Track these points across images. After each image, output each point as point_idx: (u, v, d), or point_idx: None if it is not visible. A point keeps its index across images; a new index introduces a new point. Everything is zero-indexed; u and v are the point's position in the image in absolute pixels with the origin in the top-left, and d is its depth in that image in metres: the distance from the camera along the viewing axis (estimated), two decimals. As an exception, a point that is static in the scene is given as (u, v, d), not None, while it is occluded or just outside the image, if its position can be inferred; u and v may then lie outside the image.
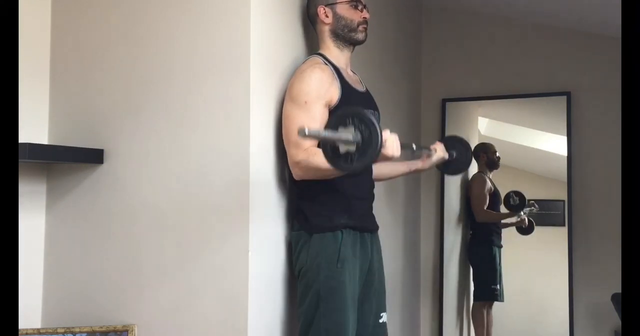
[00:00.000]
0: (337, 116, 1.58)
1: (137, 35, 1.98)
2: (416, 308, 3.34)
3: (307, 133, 1.43)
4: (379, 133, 1.50)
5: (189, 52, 1.89)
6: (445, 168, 2.34)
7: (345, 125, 1.53)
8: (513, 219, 3.34)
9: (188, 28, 1.90)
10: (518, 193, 3.34)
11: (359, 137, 1.51)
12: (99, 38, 2.04)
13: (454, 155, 2.31)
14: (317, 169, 1.73)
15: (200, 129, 1.85)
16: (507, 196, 3.34)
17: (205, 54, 1.86)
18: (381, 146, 1.51)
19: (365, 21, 1.97)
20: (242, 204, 1.77)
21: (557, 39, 3.23)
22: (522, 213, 3.31)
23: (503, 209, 3.37)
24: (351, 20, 1.94)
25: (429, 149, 2.18)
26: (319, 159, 1.67)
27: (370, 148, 1.50)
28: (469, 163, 2.37)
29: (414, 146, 1.94)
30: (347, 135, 1.51)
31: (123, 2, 2.01)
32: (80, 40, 2.07)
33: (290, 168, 1.82)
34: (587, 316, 3.09)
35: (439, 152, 2.20)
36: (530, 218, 3.32)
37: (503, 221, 3.36)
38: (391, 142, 1.64)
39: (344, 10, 1.94)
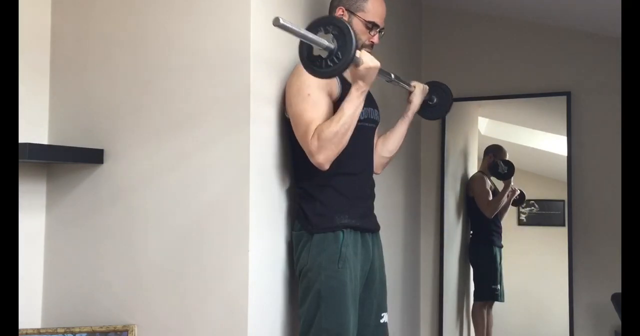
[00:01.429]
0: (316, 21, 1.59)
1: (137, 35, 1.98)
2: (416, 308, 3.34)
3: (280, 21, 1.40)
4: (354, 42, 1.53)
5: (189, 51, 1.89)
6: (424, 112, 2.31)
7: (323, 31, 1.56)
8: (509, 193, 3.33)
9: (188, 28, 1.90)
10: (506, 162, 3.33)
11: (334, 43, 1.54)
12: (99, 38, 2.04)
13: (435, 99, 2.30)
14: (332, 138, 1.71)
15: (200, 129, 1.85)
16: (495, 165, 3.33)
17: (206, 54, 1.86)
18: (354, 54, 1.55)
19: (371, 45, 1.95)
20: (242, 204, 1.77)
21: (557, 39, 3.23)
22: (512, 181, 3.31)
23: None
24: (358, 39, 1.92)
25: (408, 84, 2.16)
26: (327, 129, 1.70)
27: (344, 55, 1.54)
28: (448, 109, 2.34)
29: (392, 75, 1.95)
30: (323, 40, 1.53)
31: (123, 2, 2.01)
32: (80, 40, 2.07)
33: (313, 161, 1.77)
34: (587, 316, 3.09)
35: (418, 89, 2.19)
36: (521, 189, 3.32)
37: (505, 199, 3.34)
38: (367, 56, 1.69)
39: (358, 25, 1.92)
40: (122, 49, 2.00)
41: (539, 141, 3.56)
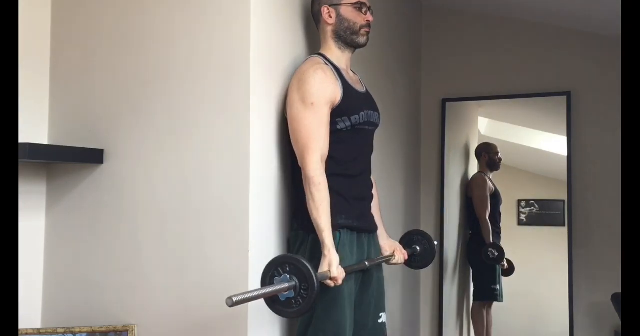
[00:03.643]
0: (267, 268, 1.56)
1: (137, 35, 1.98)
2: (416, 308, 3.34)
3: (235, 301, 1.38)
4: (314, 276, 1.50)
5: (189, 51, 1.89)
6: (410, 263, 2.25)
7: (279, 274, 1.52)
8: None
9: (188, 28, 1.90)
10: (497, 247, 3.31)
11: (294, 282, 1.50)
12: (99, 38, 2.04)
13: (418, 249, 2.23)
14: (311, 199, 1.74)
15: (200, 129, 1.85)
16: (487, 250, 3.32)
17: (205, 54, 1.86)
18: (319, 287, 1.51)
19: (368, 25, 1.97)
20: (242, 204, 1.77)
21: (557, 39, 3.24)
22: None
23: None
24: (354, 23, 1.94)
25: (389, 256, 2.08)
26: (318, 195, 1.73)
27: (309, 289, 1.50)
28: (432, 259, 2.27)
29: (367, 263, 1.88)
30: (284, 284, 1.50)
31: (123, 2, 2.01)
32: (80, 41, 2.07)
33: (301, 168, 1.80)
34: (587, 316, 3.09)
35: (398, 258, 2.10)
36: (510, 260, 3.33)
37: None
38: (336, 277, 1.66)
39: (347, 12, 1.94)
40: (122, 49, 2.00)
41: (539, 141, 3.57)
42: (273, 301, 1.54)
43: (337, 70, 1.91)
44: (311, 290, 1.50)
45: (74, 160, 1.96)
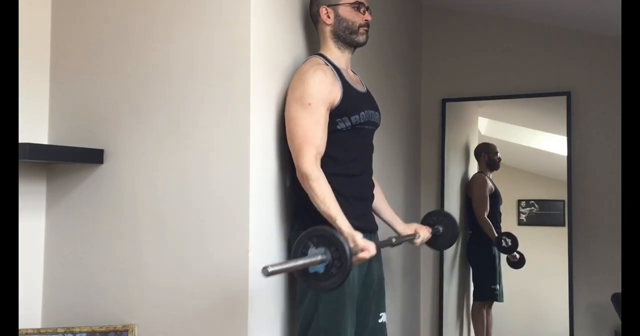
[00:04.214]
0: (299, 240, 1.55)
1: (137, 35, 1.98)
2: (416, 308, 3.34)
3: (270, 270, 1.38)
4: (346, 249, 1.49)
5: (189, 51, 1.89)
6: (433, 244, 2.27)
7: (310, 246, 1.52)
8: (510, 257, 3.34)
9: (188, 28, 1.90)
10: (511, 236, 3.30)
11: (327, 255, 1.50)
12: (99, 38, 2.04)
13: (441, 230, 2.25)
14: (313, 194, 1.75)
15: (200, 129, 1.85)
16: (500, 238, 3.31)
17: (205, 54, 1.86)
18: (351, 259, 1.50)
19: (366, 24, 1.97)
20: (242, 204, 1.77)
21: (557, 39, 3.24)
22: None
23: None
24: (352, 23, 1.94)
25: (412, 235, 2.11)
26: (319, 188, 1.73)
27: (342, 263, 1.49)
28: (455, 238, 2.27)
29: (393, 240, 1.90)
30: (315, 256, 1.50)
31: (123, 2, 2.01)
32: (80, 41, 2.07)
33: (296, 168, 1.81)
34: (587, 316, 3.09)
35: (423, 235, 2.14)
36: (522, 253, 3.29)
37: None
38: (365, 246, 1.66)
39: (346, 11, 1.94)
40: (122, 49, 2.00)
41: (539, 141, 3.57)
42: (308, 277, 1.53)
43: (337, 70, 1.91)
44: (343, 255, 1.49)
45: (74, 160, 1.96)
